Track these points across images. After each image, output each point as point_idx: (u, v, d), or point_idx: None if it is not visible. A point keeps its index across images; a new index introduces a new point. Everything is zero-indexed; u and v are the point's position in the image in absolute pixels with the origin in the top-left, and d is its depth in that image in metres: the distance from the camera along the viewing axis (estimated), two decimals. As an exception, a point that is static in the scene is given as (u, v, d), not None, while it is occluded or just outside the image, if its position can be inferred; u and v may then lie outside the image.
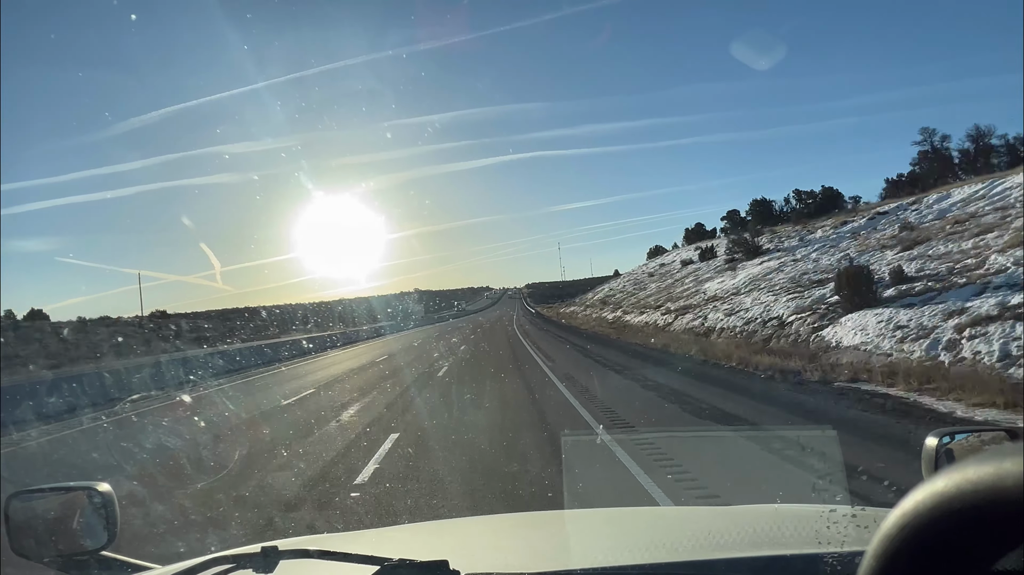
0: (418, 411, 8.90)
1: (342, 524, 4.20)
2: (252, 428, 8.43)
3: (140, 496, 4.99)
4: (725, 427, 6.57)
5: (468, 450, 6.08)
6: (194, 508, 4.73)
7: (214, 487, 5.36)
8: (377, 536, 1.94)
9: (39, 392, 12.55)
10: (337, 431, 7.71)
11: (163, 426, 9.03)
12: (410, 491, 4.86)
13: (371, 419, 8.38)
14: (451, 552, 1.04)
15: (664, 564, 1.12)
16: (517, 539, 1.60)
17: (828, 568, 0.98)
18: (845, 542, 1.07)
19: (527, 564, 1.16)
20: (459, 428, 7.22)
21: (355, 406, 9.76)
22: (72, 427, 10.15)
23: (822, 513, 1.30)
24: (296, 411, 9.73)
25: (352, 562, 1.02)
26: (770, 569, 1.09)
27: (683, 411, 7.51)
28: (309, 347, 28.16)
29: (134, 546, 3.53)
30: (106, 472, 6.21)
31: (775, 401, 7.99)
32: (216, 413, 10.50)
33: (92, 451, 7.92)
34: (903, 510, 0.40)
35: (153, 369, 16.38)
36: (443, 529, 2.04)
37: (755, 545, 1.26)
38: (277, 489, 5.21)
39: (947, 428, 1.23)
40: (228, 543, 3.63)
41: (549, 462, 5.20)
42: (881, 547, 0.40)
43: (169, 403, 11.97)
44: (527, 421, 7.52)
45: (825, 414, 6.88)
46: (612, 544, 1.41)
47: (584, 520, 1.84)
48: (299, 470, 5.82)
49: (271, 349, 25.67)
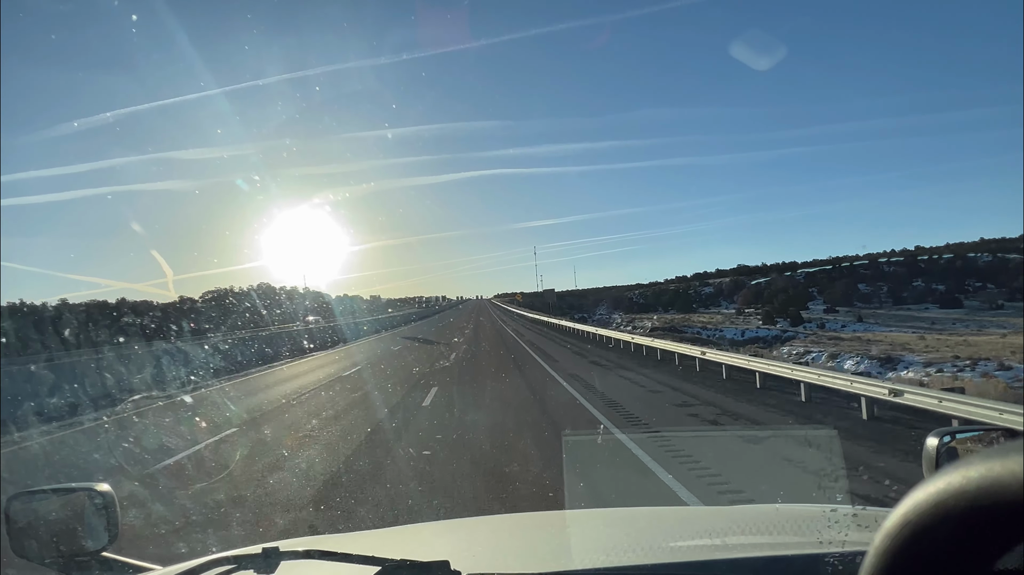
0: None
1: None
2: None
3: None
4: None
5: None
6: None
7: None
8: (378, 536, 1.93)
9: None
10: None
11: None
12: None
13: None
14: (452, 552, 1.04)
15: (665, 564, 1.12)
16: (518, 539, 1.60)
17: (829, 568, 0.98)
18: (846, 542, 1.06)
19: (528, 564, 1.16)
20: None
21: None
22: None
23: (823, 513, 1.30)
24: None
25: (353, 562, 1.02)
26: (771, 569, 1.08)
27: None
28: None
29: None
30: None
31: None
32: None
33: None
34: (904, 509, 0.40)
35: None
36: (444, 529, 2.04)
37: (756, 545, 1.26)
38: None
39: (948, 428, 1.23)
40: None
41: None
42: (882, 546, 0.40)
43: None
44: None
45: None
46: (613, 544, 1.40)
47: (585, 520, 1.83)
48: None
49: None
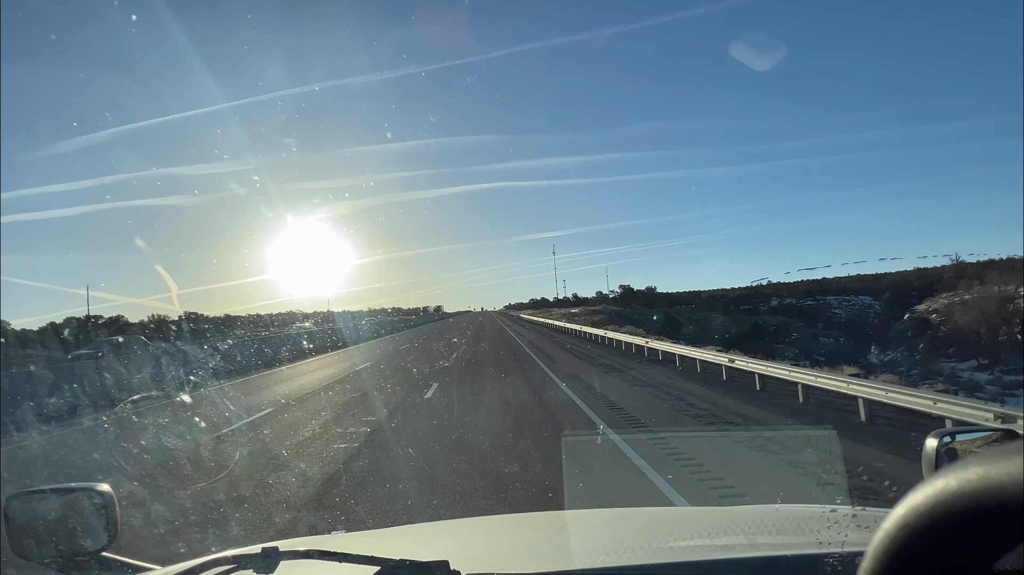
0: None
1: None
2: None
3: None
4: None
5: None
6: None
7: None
8: (378, 537, 1.93)
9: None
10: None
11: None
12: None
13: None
14: (452, 553, 1.04)
15: (665, 565, 1.12)
16: (517, 540, 1.60)
17: (829, 568, 0.98)
18: (846, 542, 1.06)
19: (528, 565, 1.16)
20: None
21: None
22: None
23: (823, 513, 1.30)
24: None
25: (353, 562, 1.02)
26: (771, 569, 1.08)
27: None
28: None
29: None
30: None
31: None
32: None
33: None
34: (904, 510, 0.40)
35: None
36: (444, 530, 2.03)
37: (756, 545, 1.26)
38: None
39: (948, 428, 1.23)
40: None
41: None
42: (882, 547, 0.40)
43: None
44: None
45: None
46: (612, 545, 1.40)
47: (584, 521, 1.83)
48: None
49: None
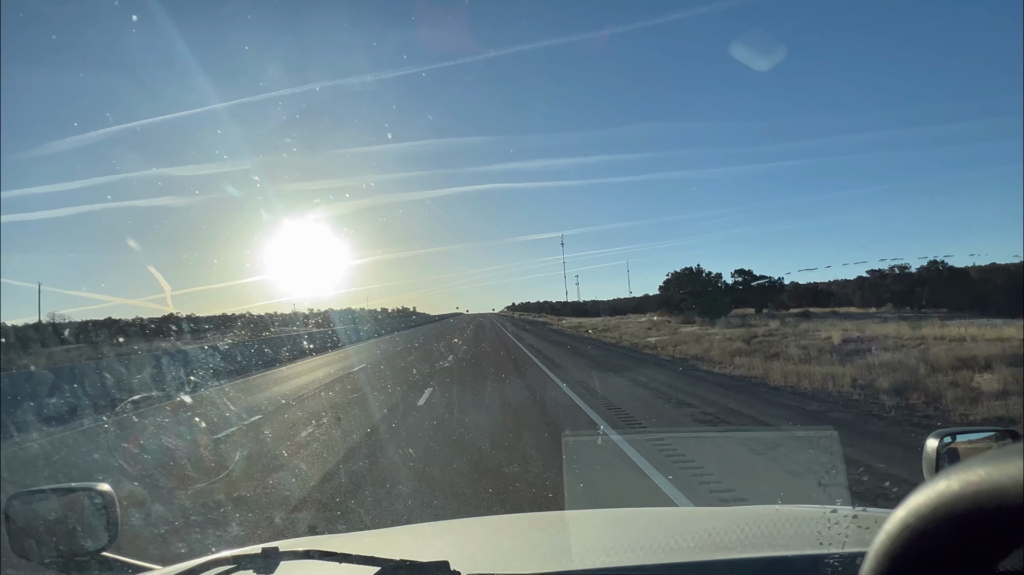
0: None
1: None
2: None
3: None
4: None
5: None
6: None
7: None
8: (378, 537, 1.93)
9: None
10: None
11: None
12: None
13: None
14: (452, 553, 1.04)
15: (665, 565, 1.12)
16: (518, 540, 1.60)
17: (829, 569, 0.98)
18: (846, 543, 1.06)
19: (528, 565, 1.16)
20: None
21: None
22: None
23: (823, 514, 1.30)
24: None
25: (353, 563, 1.02)
26: (771, 570, 1.08)
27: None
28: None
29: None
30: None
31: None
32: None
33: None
34: (905, 511, 0.39)
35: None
36: (444, 530, 2.03)
37: (756, 546, 1.26)
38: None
39: (948, 429, 1.23)
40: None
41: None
42: (883, 548, 0.40)
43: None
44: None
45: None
46: (613, 545, 1.40)
47: (585, 521, 1.83)
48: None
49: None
